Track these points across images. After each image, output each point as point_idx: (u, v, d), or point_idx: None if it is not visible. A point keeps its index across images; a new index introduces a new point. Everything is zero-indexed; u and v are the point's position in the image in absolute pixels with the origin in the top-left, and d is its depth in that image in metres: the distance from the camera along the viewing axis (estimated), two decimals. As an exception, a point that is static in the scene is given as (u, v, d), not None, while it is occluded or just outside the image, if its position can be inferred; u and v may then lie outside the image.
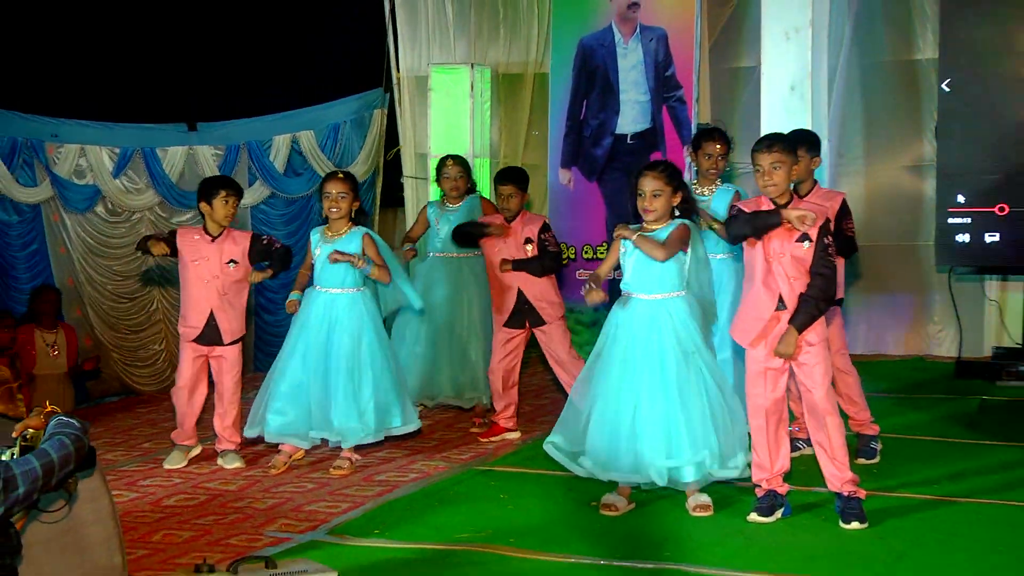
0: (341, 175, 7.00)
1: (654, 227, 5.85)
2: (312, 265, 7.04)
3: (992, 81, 9.21)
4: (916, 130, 10.25)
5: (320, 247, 6.96)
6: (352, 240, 6.92)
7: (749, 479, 5.72)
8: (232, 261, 7.14)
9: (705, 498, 5.80)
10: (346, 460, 6.94)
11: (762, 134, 9.47)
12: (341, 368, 6.86)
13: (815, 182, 6.73)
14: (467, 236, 7.77)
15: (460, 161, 8.30)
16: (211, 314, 7.13)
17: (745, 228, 5.57)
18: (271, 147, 12.56)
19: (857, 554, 5.14)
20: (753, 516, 5.64)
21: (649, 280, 5.84)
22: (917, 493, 6.06)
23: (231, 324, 7.18)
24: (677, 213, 5.89)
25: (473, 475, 6.71)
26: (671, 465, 5.72)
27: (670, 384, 5.74)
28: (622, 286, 5.97)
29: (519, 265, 7.49)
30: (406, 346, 7.88)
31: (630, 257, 5.87)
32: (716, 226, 6.81)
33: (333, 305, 6.94)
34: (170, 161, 12.63)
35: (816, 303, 5.49)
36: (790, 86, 9.34)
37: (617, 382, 5.82)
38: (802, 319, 5.48)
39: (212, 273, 7.12)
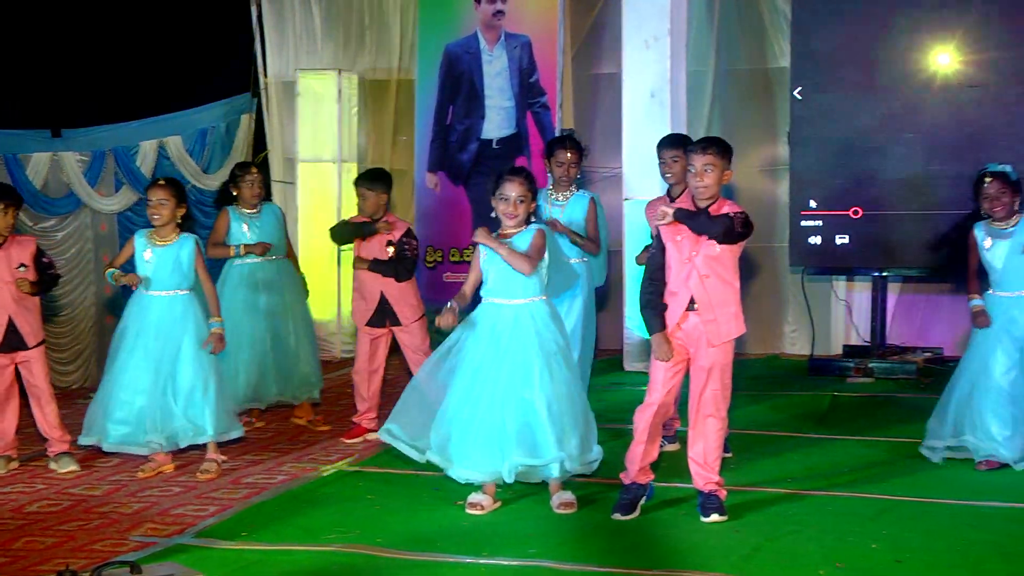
0: (162, 182, 6.99)
1: (513, 232, 5.99)
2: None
3: (841, 89, 9.55)
4: (771, 135, 10.57)
5: (151, 250, 6.92)
6: (183, 246, 6.93)
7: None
8: (22, 265, 7.10)
9: (569, 495, 5.93)
10: (212, 463, 6.92)
11: (624, 140, 9.78)
12: (174, 371, 6.87)
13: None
14: (344, 234, 7.85)
15: (260, 168, 8.52)
16: (9, 320, 7.08)
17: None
18: (138, 153, 12.45)
19: (715, 547, 5.28)
20: (617, 515, 5.78)
21: (512, 286, 5.96)
22: (772, 487, 6.27)
23: (32, 326, 7.16)
24: (533, 219, 6.05)
25: (340, 476, 6.76)
26: (535, 463, 5.84)
27: (534, 385, 5.84)
28: (483, 292, 6.05)
29: (374, 266, 7.60)
30: (231, 353, 7.73)
31: (492, 264, 5.98)
32: (579, 241, 7.03)
33: (161, 308, 6.93)
34: (34, 168, 12.44)
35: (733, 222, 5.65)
36: (650, 92, 9.59)
37: (477, 381, 5.89)
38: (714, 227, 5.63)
39: (3, 279, 7.07)
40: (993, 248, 6.71)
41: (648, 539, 5.46)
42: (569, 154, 7.31)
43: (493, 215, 6.04)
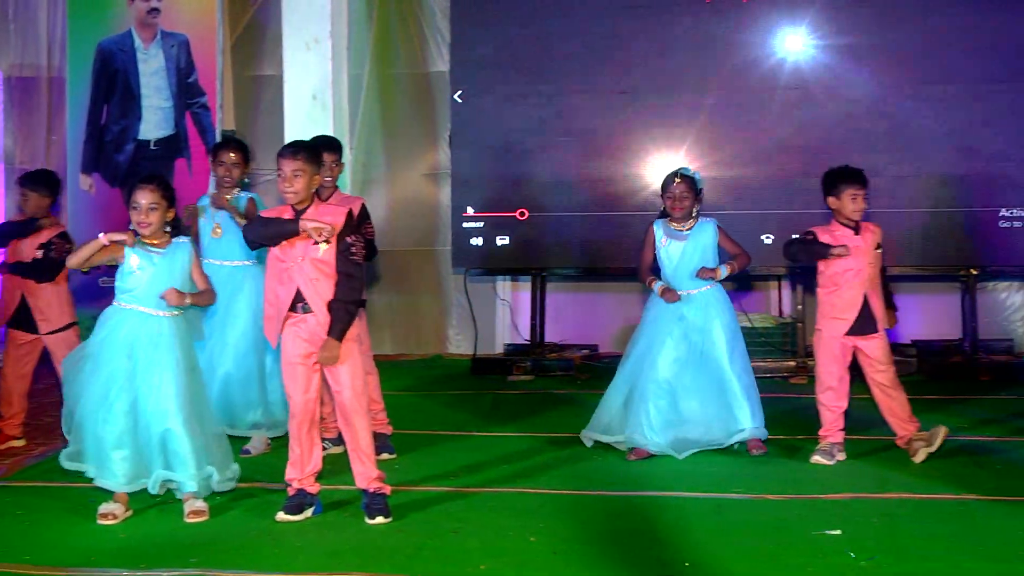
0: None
1: (154, 241, 5.86)
2: None
3: (500, 93, 9.80)
4: (432, 140, 10.71)
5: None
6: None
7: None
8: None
9: (200, 504, 5.86)
10: None
11: (286, 140, 9.67)
12: None
13: (336, 188, 6.93)
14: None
15: None
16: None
17: (255, 235, 5.75)
18: None
19: (380, 548, 5.30)
20: (281, 515, 5.73)
21: (157, 299, 5.86)
22: (436, 486, 6.36)
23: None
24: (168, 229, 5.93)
25: (-15, 493, 6.43)
26: (175, 478, 5.85)
27: (174, 403, 5.79)
28: (127, 299, 5.88)
29: (13, 269, 7.31)
30: None
31: (144, 272, 5.84)
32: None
33: None
34: None
35: (346, 306, 5.63)
36: (312, 95, 9.55)
37: (116, 393, 5.77)
38: (339, 327, 5.60)
39: None
40: (668, 247, 7.02)
41: (313, 542, 5.42)
42: (232, 155, 7.21)
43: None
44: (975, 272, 9.53)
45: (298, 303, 5.66)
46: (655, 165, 9.45)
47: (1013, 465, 6.41)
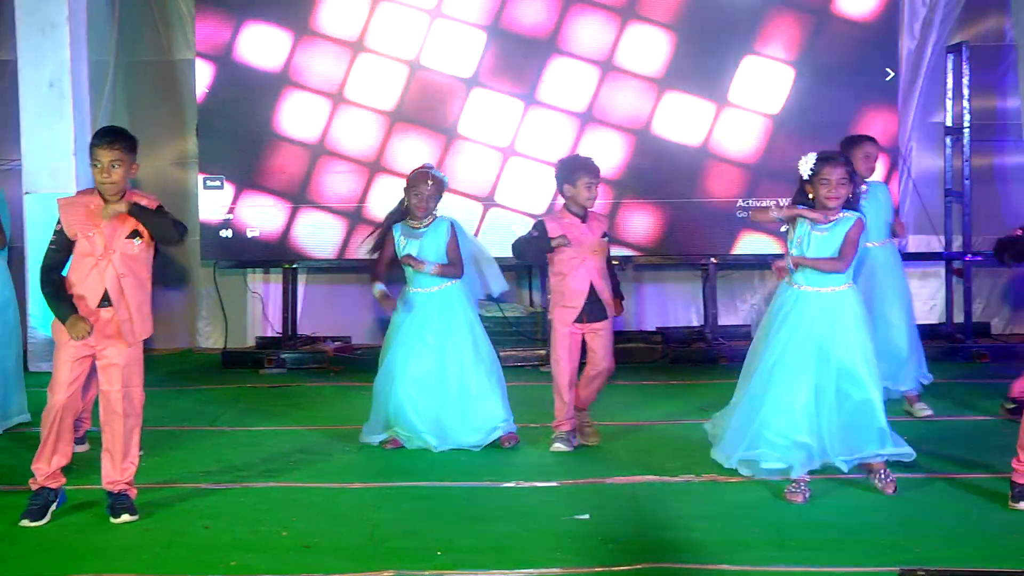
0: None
1: None
2: None
3: (246, 82, 9.69)
4: (180, 129, 10.45)
5: None
6: None
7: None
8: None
9: None
10: None
11: (23, 131, 9.34)
12: None
13: None
14: None
15: None
16: None
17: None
18: None
19: (125, 548, 5.18)
20: (25, 522, 5.51)
21: None
22: (187, 482, 6.25)
23: None
24: None
25: None
26: None
27: None
28: None
29: None
30: None
31: None
32: None
33: None
34: None
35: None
36: (48, 82, 9.24)
37: None
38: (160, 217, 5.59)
39: None
40: (407, 247, 6.98)
41: (55, 544, 5.26)
42: None
43: None
44: (715, 261, 9.90)
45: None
46: (403, 162, 9.42)
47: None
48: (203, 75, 9.69)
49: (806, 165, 5.95)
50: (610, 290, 7.00)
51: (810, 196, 5.98)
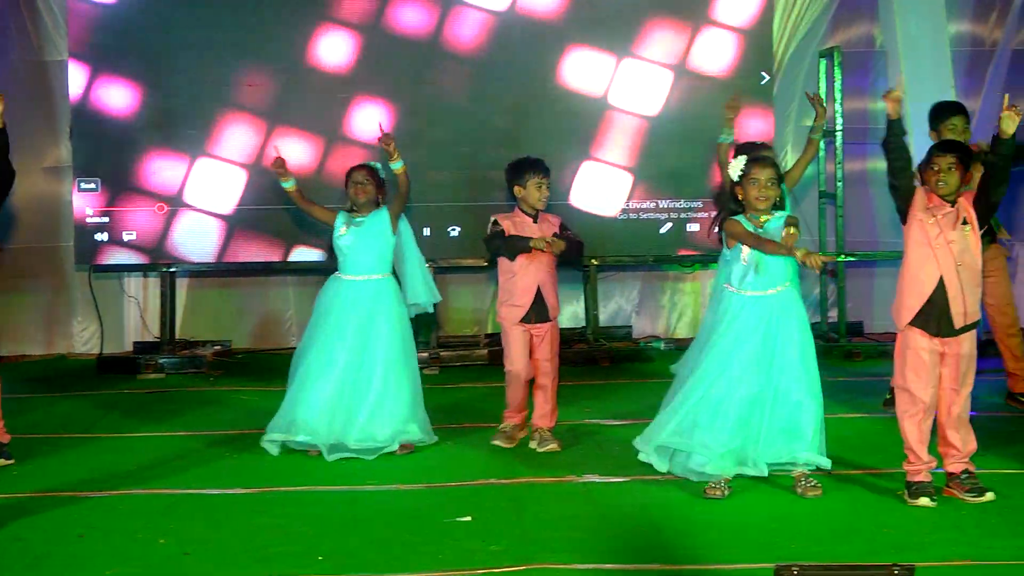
0: None
1: None
2: None
3: (121, 84, 9.54)
4: (53, 132, 10.20)
5: None
6: None
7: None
8: None
9: None
10: None
11: None
12: None
13: None
14: None
15: None
16: None
17: None
18: None
19: (-3, 559, 5.10)
20: None
21: None
22: (61, 491, 6.13)
23: None
24: None
25: None
26: None
27: None
28: None
29: None
30: None
31: None
32: None
33: None
34: None
35: None
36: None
37: None
38: None
39: None
40: (345, 235, 6.97)
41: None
42: None
43: None
44: (596, 262, 9.97)
45: None
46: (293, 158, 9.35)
47: (629, 446, 6.70)
48: (76, 76, 9.49)
49: (736, 167, 6.04)
50: (556, 293, 7.09)
51: (740, 198, 6.07)
